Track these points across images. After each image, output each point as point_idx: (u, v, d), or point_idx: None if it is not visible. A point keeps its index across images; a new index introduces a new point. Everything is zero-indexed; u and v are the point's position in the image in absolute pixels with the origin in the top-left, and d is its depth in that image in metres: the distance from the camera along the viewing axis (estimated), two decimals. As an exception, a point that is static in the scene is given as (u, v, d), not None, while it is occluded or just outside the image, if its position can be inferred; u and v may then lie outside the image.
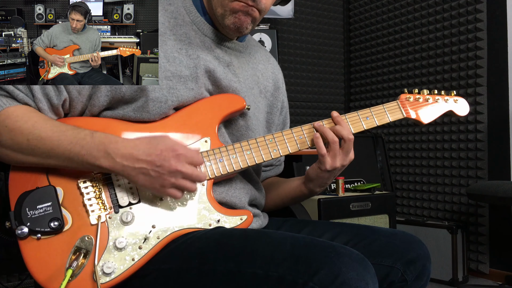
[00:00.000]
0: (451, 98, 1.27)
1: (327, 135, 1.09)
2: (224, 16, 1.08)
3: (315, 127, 1.12)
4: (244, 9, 1.07)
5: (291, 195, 1.27)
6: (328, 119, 1.13)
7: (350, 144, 1.10)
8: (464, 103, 1.28)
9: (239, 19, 1.07)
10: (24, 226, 0.94)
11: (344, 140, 1.09)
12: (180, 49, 1.07)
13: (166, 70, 1.04)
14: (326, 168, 1.10)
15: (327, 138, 1.09)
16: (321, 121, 1.12)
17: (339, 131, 1.09)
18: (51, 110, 1.02)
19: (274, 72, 1.31)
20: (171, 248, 0.99)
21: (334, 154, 1.10)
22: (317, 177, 1.16)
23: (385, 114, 1.17)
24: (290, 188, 1.27)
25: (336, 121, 1.11)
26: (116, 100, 1.03)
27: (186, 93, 1.06)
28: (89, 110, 1.04)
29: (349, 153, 1.11)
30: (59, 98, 1.01)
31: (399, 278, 1.05)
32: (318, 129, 1.11)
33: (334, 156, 1.10)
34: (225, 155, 1.07)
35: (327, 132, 1.09)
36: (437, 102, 1.24)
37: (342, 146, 1.10)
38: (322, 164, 1.11)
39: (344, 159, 1.11)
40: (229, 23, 1.08)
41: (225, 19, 1.08)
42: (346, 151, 1.10)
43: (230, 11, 1.07)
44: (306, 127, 1.12)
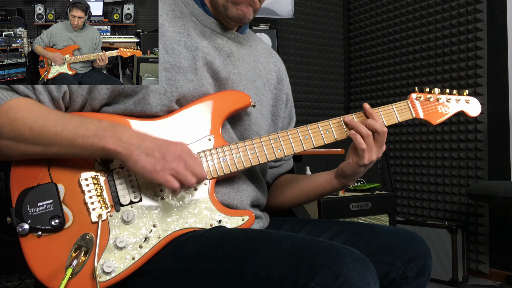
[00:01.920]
0: (463, 97, 1.24)
1: (361, 130, 1.10)
2: (226, 7, 1.10)
3: (346, 121, 1.13)
4: (248, 2, 1.10)
5: (319, 191, 1.25)
6: (349, 115, 1.13)
7: (384, 136, 1.11)
8: (476, 103, 1.25)
9: (242, 10, 1.10)
10: (25, 223, 0.94)
11: (378, 133, 1.11)
12: (179, 41, 1.07)
13: (165, 62, 1.04)
14: (364, 162, 1.11)
15: (361, 133, 1.10)
16: (347, 116, 1.13)
17: (372, 124, 1.10)
18: (52, 102, 1.01)
19: (277, 65, 1.31)
20: (172, 247, 0.99)
21: (370, 148, 1.11)
22: (354, 173, 1.16)
23: (394, 114, 1.17)
24: (317, 183, 1.25)
25: (369, 114, 1.13)
26: (117, 93, 1.03)
27: (186, 84, 1.06)
28: (89, 104, 1.03)
29: (383, 145, 1.13)
30: (59, 90, 1.01)
31: (400, 275, 1.05)
32: (350, 124, 1.12)
33: (371, 150, 1.11)
34: (229, 154, 1.06)
35: (361, 127, 1.10)
36: (448, 102, 1.22)
37: (376, 139, 1.11)
38: (361, 159, 1.11)
39: (379, 152, 1.13)
40: (232, 15, 1.10)
41: (228, 10, 1.10)
42: (380, 143, 1.12)
43: (232, 2, 1.09)
44: (312, 126, 1.12)
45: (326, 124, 1.13)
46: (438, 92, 1.22)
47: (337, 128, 1.13)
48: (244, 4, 1.10)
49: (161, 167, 0.94)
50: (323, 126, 1.13)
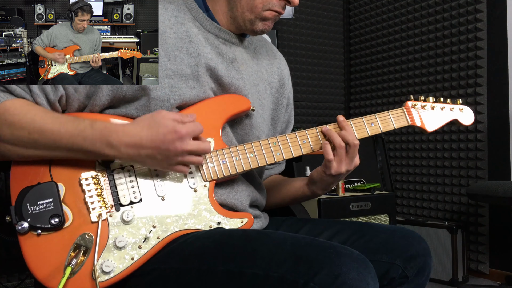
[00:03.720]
0: (457, 106, 1.26)
1: (334, 140, 1.10)
2: (254, 22, 1.12)
3: (323, 131, 1.12)
4: (275, 18, 1.12)
5: (292, 195, 1.27)
6: (334, 123, 1.13)
7: (355, 149, 1.10)
8: (470, 112, 1.28)
9: (268, 26, 1.13)
10: (24, 221, 0.94)
11: (349, 145, 1.10)
12: (181, 47, 1.07)
13: (167, 69, 1.04)
14: (331, 172, 1.11)
15: (334, 143, 1.10)
16: (327, 126, 1.13)
17: (344, 136, 1.10)
18: (49, 105, 1.01)
19: (280, 68, 1.30)
20: (171, 248, 0.99)
21: (340, 159, 1.10)
22: (321, 180, 1.16)
23: (390, 121, 1.18)
24: (292, 188, 1.27)
25: (341, 126, 1.12)
26: (118, 100, 1.03)
27: (188, 91, 1.06)
28: (90, 110, 1.04)
29: (354, 158, 1.11)
30: (56, 93, 1.01)
31: (400, 274, 1.05)
32: (326, 133, 1.12)
33: (340, 161, 1.10)
34: (228, 157, 1.07)
35: (335, 137, 1.10)
36: (442, 111, 1.24)
37: (348, 151, 1.10)
38: (327, 169, 1.11)
39: (349, 164, 1.11)
40: (258, 29, 1.13)
41: (254, 25, 1.12)
42: (351, 156, 1.11)
43: (260, 18, 1.11)
44: (311, 131, 1.13)
45: (313, 132, 1.13)
46: (433, 101, 1.24)
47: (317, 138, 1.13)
48: (272, 20, 1.12)
49: (167, 165, 0.99)
50: (310, 134, 1.13)
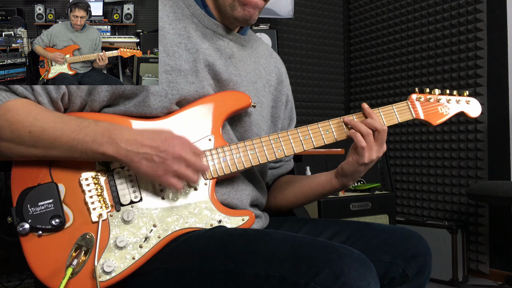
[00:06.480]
0: (463, 98, 1.24)
1: (361, 129, 1.10)
2: (234, 7, 1.10)
3: (345, 121, 1.13)
4: (255, 5, 1.10)
5: (319, 191, 1.25)
6: (355, 113, 1.14)
7: (384, 134, 1.11)
8: (477, 104, 1.26)
9: (248, 11, 1.10)
10: (25, 222, 0.94)
11: (378, 131, 1.11)
12: (179, 43, 1.07)
13: (165, 64, 1.04)
14: (364, 161, 1.11)
15: (361, 131, 1.10)
16: (347, 116, 1.13)
17: (371, 123, 1.11)
18: (51, 104, 1.01)
19: (277, 66, 1.31)
20: (172, 247, 0.99)
21: (370, 147, 1.11)
22: (354, 171, 1.16)
23: (394, 115, 1.17)
24: (317, 183, 1.25)
25: (367, 114, 1.13)
26: (117, 96, 1.03)
27: (187, 86, 1.06)
28: (89, 106, 1.03)
29: (383, 144, 1.13)
30: (58, 91, 1.01)
31: (400, 274, 1.05)
32: (349, 123, 1.12)
33: (371, 149, 1.11)
34: (229, 154, 1.06)
35: (360, 125, 1.11)
36: (448, 103, 1.22)
37: (377, 137, 1.11)
38: (360, 157, 1.12)
39: (379, 151, 1.13)
40: (239, 16, 1.11)
41: (234, 11, 1.10)
42: (380, 142, 1.12)
43: (239, 3, 1.10)
44: (312, 126, 1.12)
45: (326, 125, 1.13)
46: (439, 93, 1.22)
47: (337, 128, 1.13)
48: (251, 5, 1.10)
49: (162, 172, 0.95)
50: (323, 127, 1.13)
